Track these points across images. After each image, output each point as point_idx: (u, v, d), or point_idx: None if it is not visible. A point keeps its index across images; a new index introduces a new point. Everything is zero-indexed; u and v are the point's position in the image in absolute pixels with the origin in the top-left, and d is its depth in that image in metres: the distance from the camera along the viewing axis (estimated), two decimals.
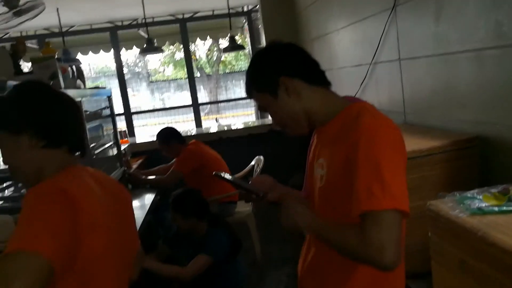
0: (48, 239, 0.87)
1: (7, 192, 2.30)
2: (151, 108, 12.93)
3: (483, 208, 1.29)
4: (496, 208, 1.28)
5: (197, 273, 2.16)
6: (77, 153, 1.13)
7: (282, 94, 1.10)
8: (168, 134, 3.41)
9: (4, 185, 2.30)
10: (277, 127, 1.21)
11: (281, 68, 1.10)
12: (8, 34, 4.87)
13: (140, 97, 16.92)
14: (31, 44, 5.24)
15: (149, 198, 2.93)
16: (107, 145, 2.87)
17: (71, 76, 2.36)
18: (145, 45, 4.59)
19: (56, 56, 2.33)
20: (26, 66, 2.50)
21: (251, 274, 3.33)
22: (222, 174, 1.32)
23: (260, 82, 1.14)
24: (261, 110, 1.21)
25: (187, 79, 5.84)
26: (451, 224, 1.36)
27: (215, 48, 16.43)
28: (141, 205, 2.85)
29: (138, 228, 1.43)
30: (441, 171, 1.83)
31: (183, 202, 2.37)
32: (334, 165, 1.05)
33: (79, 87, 2.62)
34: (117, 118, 3.39)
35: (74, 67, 2.67)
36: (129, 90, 5.91)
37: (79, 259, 0.94)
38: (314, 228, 1.04)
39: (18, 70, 2.05)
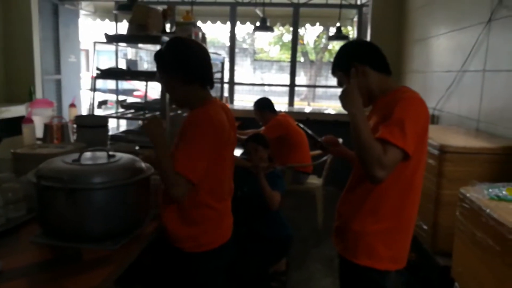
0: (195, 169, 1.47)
1: None
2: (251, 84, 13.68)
3: (500, 196, 1.59)
4: (511, 197, 1.57)
5: (276, 207, 2.61)
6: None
7: (353, 74, 1.51)
8: (263, 103, 3.93)
9: None
10: None
11: (355, 56, 1.54)
12: None
13: (242, 72, 17.85)
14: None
15: (236, 152, 3.47)
16: None
17: (200, 39, 2.98)
18: (258, 23, 5.15)
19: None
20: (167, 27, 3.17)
21: (309, 238, 3.78)
22: (301, 126, 1.81)
23: (340, 64, 1.59)
24: (339, 85, 1.62)
25: (290, 62, 6.27)
26: (471, 204, 1.68)
27: (324, 36, 16.67)
28: None
29: None
30: (485, 169, 2.10)
31: (263, 137, 2.87)
32: (375, 128, 1.45)
33: None
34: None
35: (200, 33, 3.28)
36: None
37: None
38: (358, 117, 1.38)
39: (164, 29, 2.69)
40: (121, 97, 3.82)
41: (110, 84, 7.36)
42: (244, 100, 11.49)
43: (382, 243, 1.50)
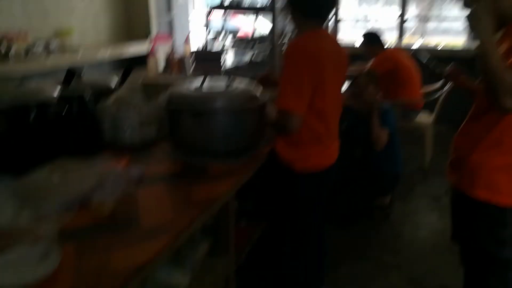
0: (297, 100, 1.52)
1: None
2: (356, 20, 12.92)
3: None
4: None
5: (382, 147, 2.62)
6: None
7: None
8: (372, 36, 3.74)
9: None
10: None
11: None
12: None
13: (347, 7, 16.86)
14: None
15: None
16: None
17: None
18: None
19: None
20: None
21: (415, 176, 3.69)
22: (423, 55, 1.75)
23: None
24: (465, 6, 1.46)
25: None
26: None
27: None
28: None
29: None
30: None
31: (376, 75, 2.86)
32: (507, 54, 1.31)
33: None
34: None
35: None
36: None
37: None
38: (487, 41, 1.24)
39: None
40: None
41: (217, 22, 7.58)
42: (348, 36, 10.86)
43: (505, 177, 1.38)
